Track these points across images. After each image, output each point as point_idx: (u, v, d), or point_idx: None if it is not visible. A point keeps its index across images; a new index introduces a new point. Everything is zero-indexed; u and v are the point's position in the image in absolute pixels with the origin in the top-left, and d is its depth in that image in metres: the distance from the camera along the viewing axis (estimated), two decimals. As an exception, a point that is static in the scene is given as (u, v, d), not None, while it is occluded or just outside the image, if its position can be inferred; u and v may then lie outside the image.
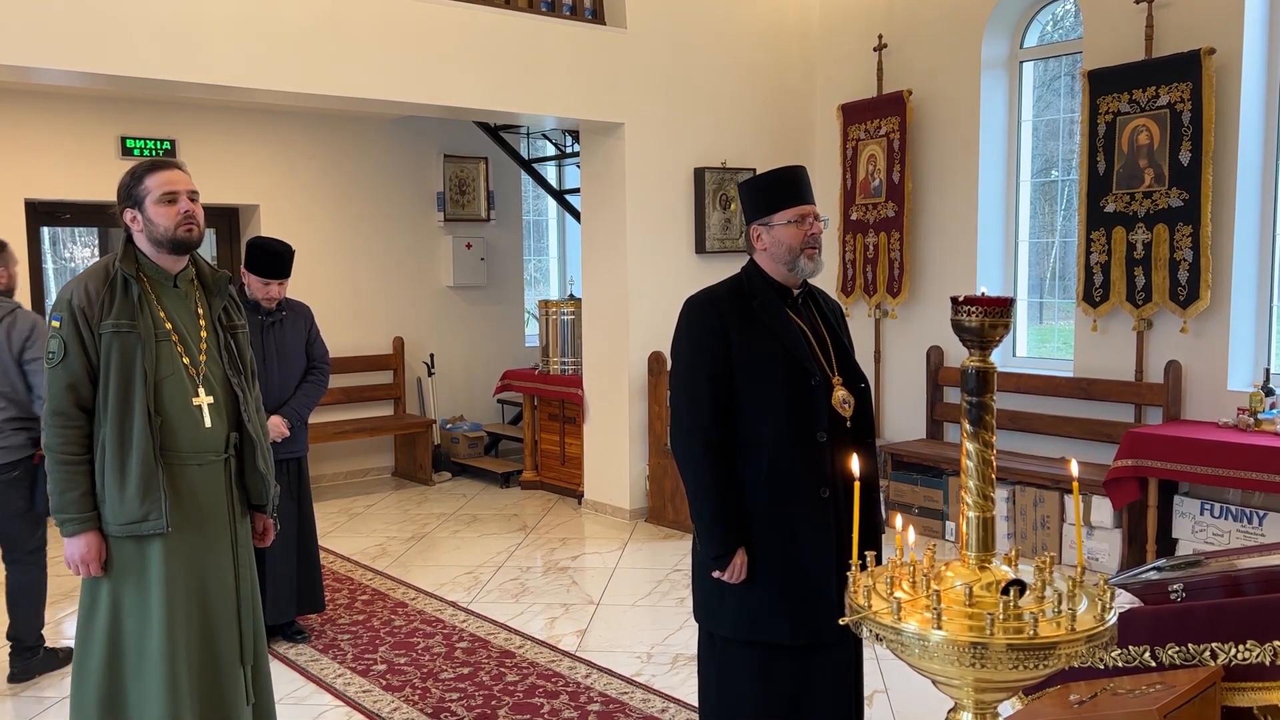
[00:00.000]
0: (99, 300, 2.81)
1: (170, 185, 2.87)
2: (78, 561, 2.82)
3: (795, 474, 2.78)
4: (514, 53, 6.32)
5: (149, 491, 2.79)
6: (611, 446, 7.18)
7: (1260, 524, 5.22)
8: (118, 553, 2.84)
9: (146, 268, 2.91)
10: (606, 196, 7.04)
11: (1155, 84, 5.64)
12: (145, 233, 2.88)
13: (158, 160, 2.95)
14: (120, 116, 7.40)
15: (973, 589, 1.84)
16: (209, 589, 2.93)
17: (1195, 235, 5.51)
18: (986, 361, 1.94)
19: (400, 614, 5.22)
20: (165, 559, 2.84)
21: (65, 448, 2.80)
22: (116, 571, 2.85)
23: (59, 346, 2.80)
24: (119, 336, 2.80)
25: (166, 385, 2.85)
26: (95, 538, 2.82)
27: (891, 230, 6.99)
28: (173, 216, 2.86)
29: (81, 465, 2.82)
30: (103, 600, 2.86)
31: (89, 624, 2.88)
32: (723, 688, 2.91)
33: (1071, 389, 6.18)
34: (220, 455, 2.95)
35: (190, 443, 2.87)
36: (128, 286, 2.84)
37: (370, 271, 8.50)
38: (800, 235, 2.83)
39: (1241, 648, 2.33)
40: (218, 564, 2.95)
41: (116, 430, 2.79)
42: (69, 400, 2.80)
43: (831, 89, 7.51)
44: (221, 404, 2.95)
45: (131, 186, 2.89)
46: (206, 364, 2.94)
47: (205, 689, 2.92)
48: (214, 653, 2.94)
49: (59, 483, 2.81)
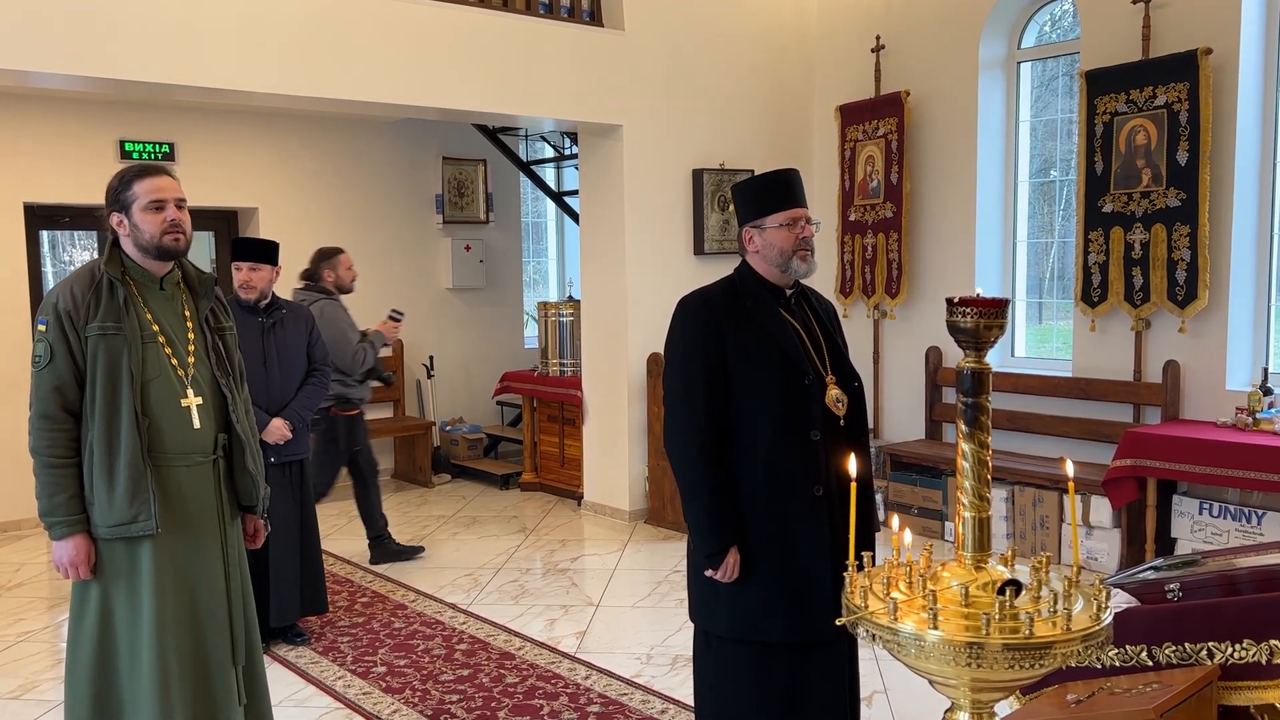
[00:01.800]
0: (85, 303, 2.81)
1: (158, 193, 2.87)
2: (66, 564, 2.82)
3: (789, 473, 2.79)
4: (512, 55, 6.32)
5: (137, 493, 2.79)
6: (611, 448, 7.19)
7: (1259, 523, 5.22)
8: (107, 555, 2.85)
9: (132, 270, 2.91)
10: (605, 198, 7.05)
11: (1153, 84, 5.65)
12: (131, 238, 2.89)
13: (147, 165, 2.95)
14: (119, 120, 7.40)
15: (969, 589, 1.85)
16: (199, 590, 2.94)
17: (1193, 235, 5.52)
18: (982, 362, 1.95)
19: (400, 616, 5.22)
20: (155, 561, 2.84)
21: (53, 450, 2.80)
22: (106, 574, 2.86)
23: (45, 350, 2.80)
24: (105, 339, 2.80)
25: (154, 387, 2.85)
26: (84, 540, 2.82)
27: (890, 231, 7.00)
28: (159, 224, 2.86)
29: (69, 468, 2.82)
30: (92, 603, 2.87)
31: (79, 626, 2.89)
32: (718, 687, 2.92)
33: (1070, 389, 6.18)
34: (208, 456, 2.95)
35: (178, 444, 2.88)
36: (113, 289, 2.85)
37: (369, 274, 8.47)
38: (792, 238, 2.85)
39: (1238, 647, 2.33)
40: (208, 565, 2.96)
41: (104, 432, 2.79)
42: (56, 403, 2.80)
43: (829, 90, 7.52)
44: (210, 405, 2.96)
45: (119, 191, 2.90)
46: (195, 365, 2.94)
47: (196, 690, 2.92)
48: (204, 654, 2.94)
49: (47, 486, 2.81)
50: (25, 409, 6.99)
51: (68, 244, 8.13)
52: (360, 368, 5.75)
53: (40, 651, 4.85)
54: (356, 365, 5.71)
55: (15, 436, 6.98)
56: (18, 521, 7.02)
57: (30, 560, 6.36)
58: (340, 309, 5.77)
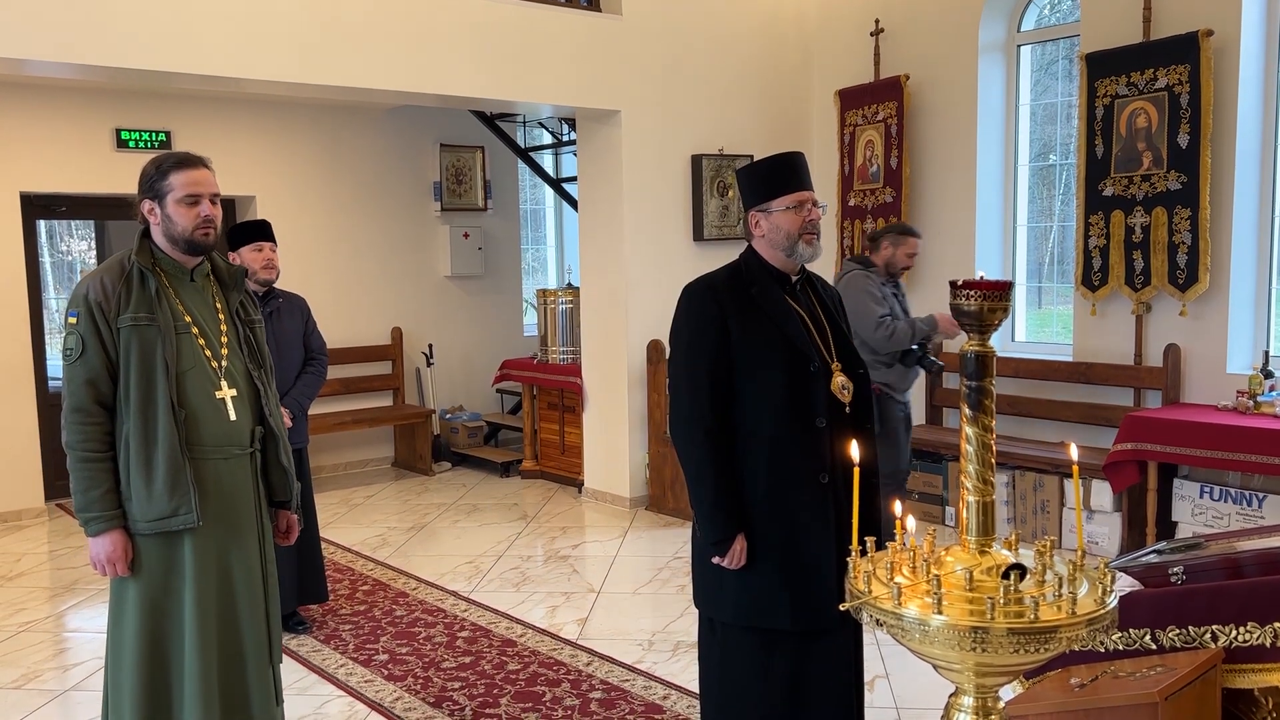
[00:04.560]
0: (115, 294, 2.75)
1: (195, 186, 2.81)
2: (104, 561, 2.76)
3: (794, 460, 2.78)
4: (510, 40, 6.29)
5: (177, 485, 2.73)
6: (611, 435, 7.18)
7: (1260, 506, 5.23)
8: (146, 551, 2.79)
9: (163, 261, 2.86)
10: (604, 184, 7.03)
11: (1153, 66, 5.62)
12: (162, 227, 2.83)
13: (186, 157, 2.87)
14: (115, 108, 7.37)
15: (973, 573, 1.84)
16: (237, 586, 2.88)
17: (1194, 218, 5.50)
18: (985, 346, 1.94)
19: (401, 604, 5.23)
20: (196, 555, 2.79)
21: (86, 445, 2.74)
22: (145, 570, 2.79)
23: (76, 343, 2.74)
24: (138, 330, 2.74)
25: (189, 378, 2.79)
26: (121, 536, 2.75)
27: (889, 216, 6.98)
28: (192, 219, 2.81)
29: (104, 462, 2.75)
30: (130, 600, 2.80)
31: (119, 626, 2.82)
32: (724, 673, 2.92)
33: (1071, 373, 6.17)
34: (245, 449, 2.90)
35: (215, 436, 2.82)
36: (144, 280, 2.79)
37: (368, 262, 8.49)
38: (798, 221, 2.83)
39: (1242, 630, 2.33)
40: (246, 560, 2.90)
41: (140, 425, 2.73)
42: (89, 396, 2.74)
43: (828, 74, 7.49)
44: (245, 397, 2.90)
45: (155, 180, 2.83)
46: (228, 357, 2.89)
47: (230, 688, 2.86)
48: (241, 652, 2.88)
49: (82, 481, 2.74)
50: (25, 398, 7.00)
51: (65, 234, 8.11)
52: (890, 345, 5.08)
53: (42, 641, 4.85)
54: (884, 340, 5.06)
55: (16, 426, 6.98)
56: (18, 512, 7.02)
57: (31, 550, 6.36)
58: (868, 279, 5.19)
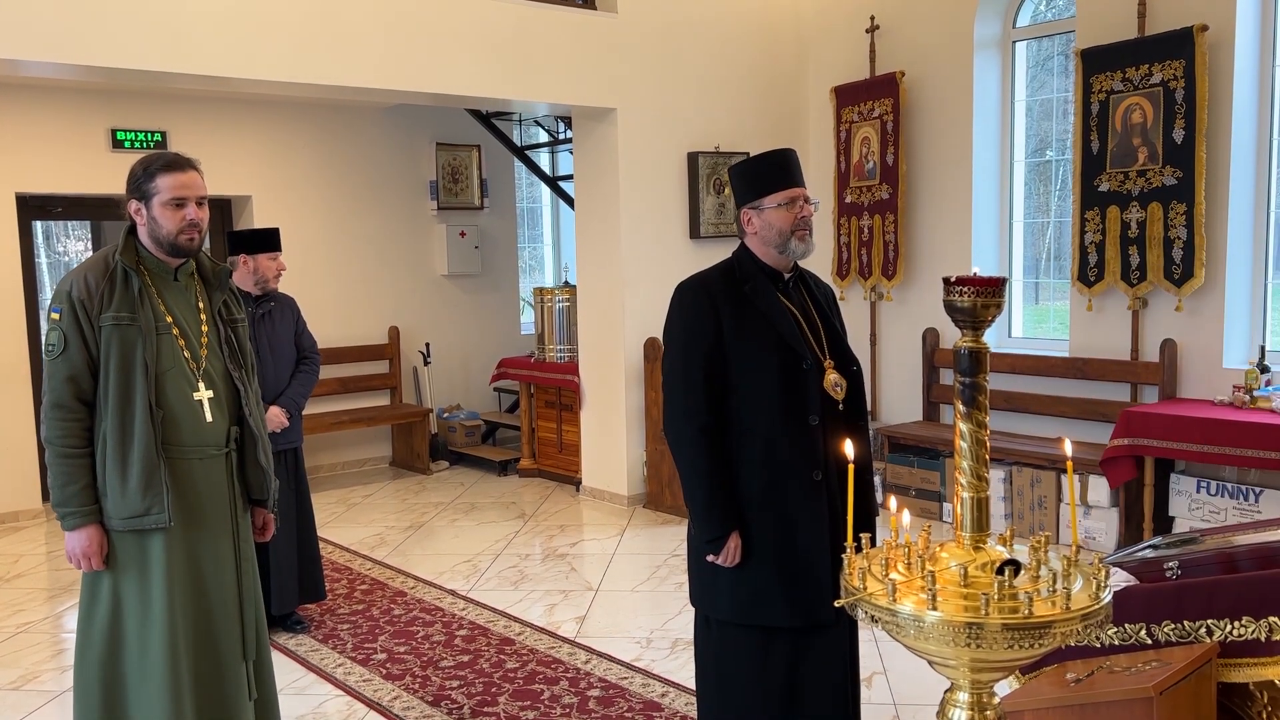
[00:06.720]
0: (99, 292, 2.77)
1: (181, 190, 2.82)
2: (79, 555, 2.80)
3: (788, 457, 2.79)
4: (506, 39, 6.29)
5: (150, 485, 2.77)
6: (608, 433, 7.19)
7: (1256, 501, 5.23)
8: (119, 547, 2.83)
9: (147, 260, 2.88)
10: (600, 182, 7.02)
11: (1148, 62, 5.62)
12: (147, 229, 2.85)
13: (174, 159, 2.88)
14: (111, 108, 7.36)
15: (968, 569, 1.84)
16: (210, 584, 2.91)
17: (1189, 213, 5.51)
18: (979, 342, 1.94)
19: (399, 603, 5.23)
20: (167, 553, 2.82)
21: (66, 440, 2.78)
22: (118, 566, 2.84)
23: (59, 339, 2.77)
24: (119, 329, 2.77)
25: (168, 379, 2.82)
26: (96, 531, 2.80)
27: (886, 212, 6.98)
28: (177, 222, 2.82)
29: (82, 458, 2.79)
30: (103, 595, 2.85)
31: (89, 619, 2.87)
32: (721, 670, 2.92)
33: (1067, 369, 6.18)
34: (221, 449, 2.93)
35: (191, 436, 2.85)
36: (128, 279, 2.81)
37: (364, 261, 8.49)
38: (790, 218, 2.83)
39: (1237, 624, 2.34)
40: (219, 559, 2.93)
41: (118, 423, 2.77)
42: (69, 392, 2.77)
43: (824, 71, 7.49)
44: (223, 398, 2.93)
45: (143, 181, 2.84)
46: (207, 358, 2.91)
47: (206, 684, 2.90)
48: (215, 648, 2.92)
49: (59, 476, 2.79)
50: (21, 399, 7.00)
51: (61, 234, 8.10)
52: None
53: (40, 642, 4.85)
54: None
55: (13, 427, 6.97)
56: (16, 513, 7.01)
57: (29, 551, 6.35)
58: None
